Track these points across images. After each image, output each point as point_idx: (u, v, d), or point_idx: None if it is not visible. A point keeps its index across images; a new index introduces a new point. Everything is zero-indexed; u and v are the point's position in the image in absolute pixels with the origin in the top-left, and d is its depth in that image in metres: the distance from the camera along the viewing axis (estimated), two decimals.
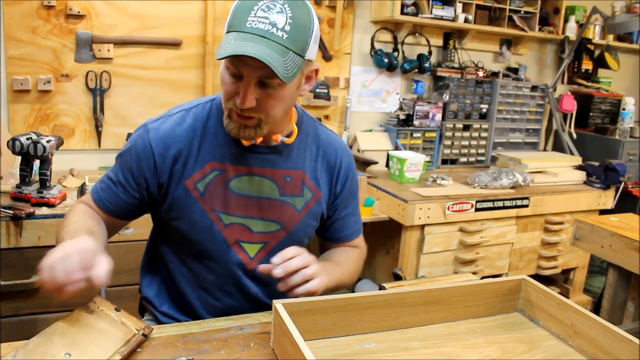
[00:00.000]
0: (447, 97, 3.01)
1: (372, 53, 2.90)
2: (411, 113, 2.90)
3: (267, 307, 1.14)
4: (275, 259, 1.01)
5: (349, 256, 1.29)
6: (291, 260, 1.01)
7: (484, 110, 3.15)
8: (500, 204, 2.51)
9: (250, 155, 1.14)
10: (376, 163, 2.75)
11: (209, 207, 1.13)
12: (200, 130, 1.14)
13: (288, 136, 1.16)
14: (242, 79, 1.00)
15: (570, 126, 3.36)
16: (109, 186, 1.16)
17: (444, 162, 3.08)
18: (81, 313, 0.93)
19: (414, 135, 2.93)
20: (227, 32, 0.99)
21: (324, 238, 1.33)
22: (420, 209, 2.30)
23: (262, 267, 1.05)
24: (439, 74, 3.06)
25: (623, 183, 2.82)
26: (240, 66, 0.98)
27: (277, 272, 1.00)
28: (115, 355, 0.87)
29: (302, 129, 1.20)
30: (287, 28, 0.96)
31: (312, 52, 1.03)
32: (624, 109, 3.38)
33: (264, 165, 1.15)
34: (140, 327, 0.94)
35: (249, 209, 1.15)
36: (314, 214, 1.22)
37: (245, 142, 1.12)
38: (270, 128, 1.08)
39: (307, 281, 1.02)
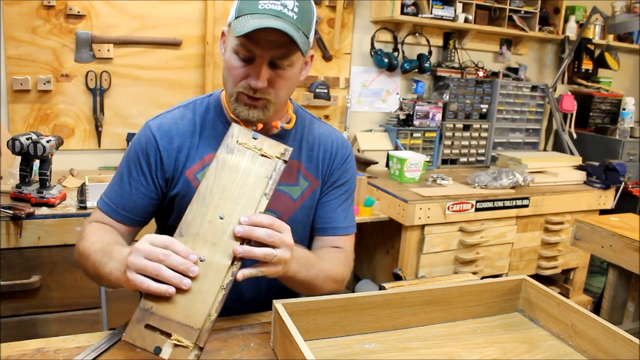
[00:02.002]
0: (447, 97, 3.01)
1: (372, 53, 2.90)
2: (411, 113, 2.90)
3: (259, 302, 1.15)
4: (243, 217, 0.87)
5: (334, 257, 1.20)
6: (261, 228, 0.88)
7: (484, 110, 3.15)
8: (500, 204, 2.51)
9: None
10: (376, 163, 2.75)
11: None
12: (200, 123, 1.17)
13: (287, 123, 1.20)
14: (253, 62, 1.04)
15: (570, 126, 3.36)
16: (120, 194, 1.15)
17: (444, 162, 3.08)
18: (224, 157, 0.92)
19: (414, 135, 2.93)
20: (237, 17, 1.03)
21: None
22: (420, 209, 2.30)
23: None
24: (439, 74, 3.06)
25: (623, 183, 2.82)
26: (254, 47, 1.02)
27: (239, 229, 0.86)
28: (261, 201, 0.88)
29: (297, 120, 1.23)
30: (296, 10, 1.02)
31: (312, 36, 1.10)
32: (624, 109, 3.38)
33: None
34: (279, 154, 0.93)
35: None
36: (310, 204, 1.22)
37: (248, 128, 1.13)
38: (275, 110, 1.11)
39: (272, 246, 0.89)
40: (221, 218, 0.86)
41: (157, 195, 1.16)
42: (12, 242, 1.76)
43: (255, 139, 0.95)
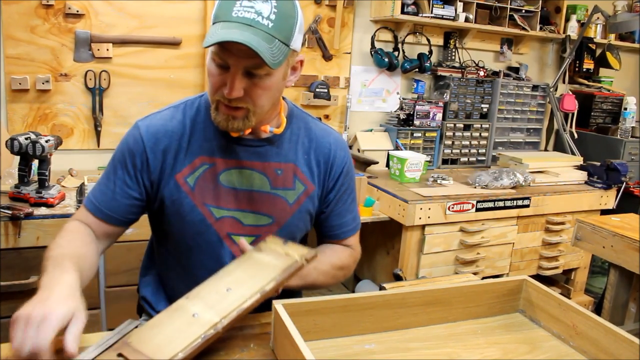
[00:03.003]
0: (448, 96, 3.01)
1: (373, 52, 2.89)
2: (412, 113, 2.89)
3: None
4: None
5: (334, 256, 1.26)
6: None
7: (485, 109, 3.15)
8: (501, 204, 2.50)
9: (240, 148, 1.15)
10: (376, 163, 2.75)
11: (200, 202, 1.13)
12: (190, 125, 1.15)
13: (277, 127, 1.17)
14: (229, 70, 1.01)
15: (571, 126, 3.35)
16: (104, 192, 1.15)
17: (445, 162, 3.07)
18: (252, 253, 1.03)
19: (415, 135, 2.92)
20: (214, 23, 1.01)
21: (319, 234, 1.32)
22: (421, 209, 2.30)
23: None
24: (439, 73, 3.05)
25: (624, 183, 2.82)
26: (227, 56, 0.99)
27: None
28: (269, 283, 0.94)
29: (292, 122, 1.21)
30: (272, 17, 0.98)
31: (297, 42, 1.05)
32: (625, 109, 3.36)
33: (254, 158, 1.15)
34: (302, 255, 0.99)
35: (240, 201, 1.15)
36: (306, 208, 1.21)
37: (233, 134, 1.13)
38: (258, 119, 1.09)
39: None
40: (227, 290, 0.94)
41: (141, 197, 1.15)
42: (10, 242, 1.75)
43: (285, 243, 1.04)
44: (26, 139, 1.81)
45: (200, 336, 0.83)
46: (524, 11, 3.10)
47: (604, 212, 2.77)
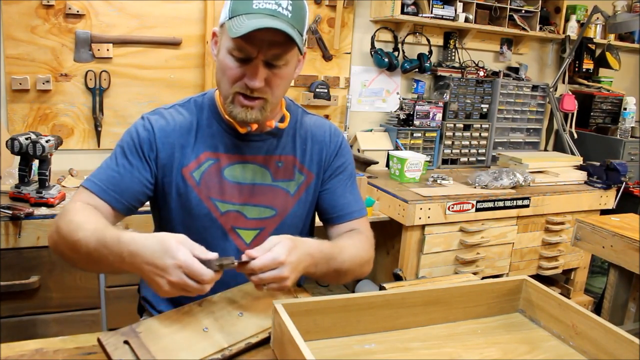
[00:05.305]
0: (448, 96, 3.01)
1: (373, 52, 2.89)
2: (411, 113, 2.89)
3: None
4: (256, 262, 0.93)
5: (355, 242, 1.20)
6: (265, 271, 0.94)
7: (485, 110, 3.15)
8: (500, 204, 2.50)
9: (243, 144, 1.17)
10: (376, 163, 2.75)
11: (205, 196, 1.14)
12: (195, 122, 1.17)
13: (281, 122, 1.20)
14: (249, 62, 1.03)
15: (571, 126, 3.35)
16: (111, 175, 1.11)
17: (445, 162, 3.07)
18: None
19: (415, 135, 2.92)
20: (231, 18, 1.01)
21: (323, 221, 1.29)
22: (421, 209, 2.30)
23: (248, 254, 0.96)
24: (439, 73, 3.05)
25: (624, 183, 2.82)
26: (250, 47, 1.01)
27: (253, 278, 0.95)
28: None
29: (290, 115, 1.23)
30: (290, 8, 1.01)
31: (305, 34, 1.09)
32: (625, 109, 3.37)
33: (256, 153, 1.18)
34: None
35: (243, 195, 1.16)
36: (307, 197, 1.23)
37: (241, 130, 1.14)
38: (271, 110, 1.11)
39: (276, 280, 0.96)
40: (239, 315, 0.97)
41: (151, 184, 1.14)
42: (11, 242, 1.75)
43: (297, 287, 1.10)
44: (26, 139, 1.81)
45: (207, 358, 0.86)
46: (523, 11, 3.10)
47: (604, 212, 2.77)
